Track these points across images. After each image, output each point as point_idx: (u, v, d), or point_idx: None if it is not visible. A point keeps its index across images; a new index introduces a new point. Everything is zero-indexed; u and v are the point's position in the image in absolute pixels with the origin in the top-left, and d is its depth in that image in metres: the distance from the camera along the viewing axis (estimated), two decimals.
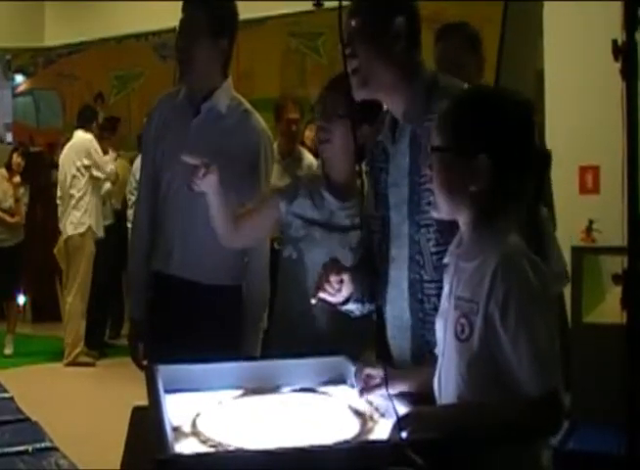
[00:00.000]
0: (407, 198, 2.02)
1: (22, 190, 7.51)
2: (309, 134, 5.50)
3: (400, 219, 2.05)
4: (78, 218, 6.87)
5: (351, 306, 2.17)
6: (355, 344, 2.30)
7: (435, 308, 1.87)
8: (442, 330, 1.74)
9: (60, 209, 7.05)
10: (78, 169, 6.90)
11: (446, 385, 1.72)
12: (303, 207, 2.50)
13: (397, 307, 2.07)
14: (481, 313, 1.61)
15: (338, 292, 2.10)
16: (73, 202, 6.89)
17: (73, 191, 6.90)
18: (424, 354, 1.97)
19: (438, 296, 1.85)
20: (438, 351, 1.77)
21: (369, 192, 2.15)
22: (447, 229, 1.85)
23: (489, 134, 1.65)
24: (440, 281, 1.83)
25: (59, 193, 7.06)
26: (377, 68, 2.02)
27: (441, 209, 1.73)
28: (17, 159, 7.46)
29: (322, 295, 2.10)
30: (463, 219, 1.71)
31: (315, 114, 2.52)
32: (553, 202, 3.18)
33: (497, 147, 1.65)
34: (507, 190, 1.67)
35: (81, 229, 6.87)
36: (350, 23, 2.03)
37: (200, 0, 2.76)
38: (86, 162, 6.90)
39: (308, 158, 4.90)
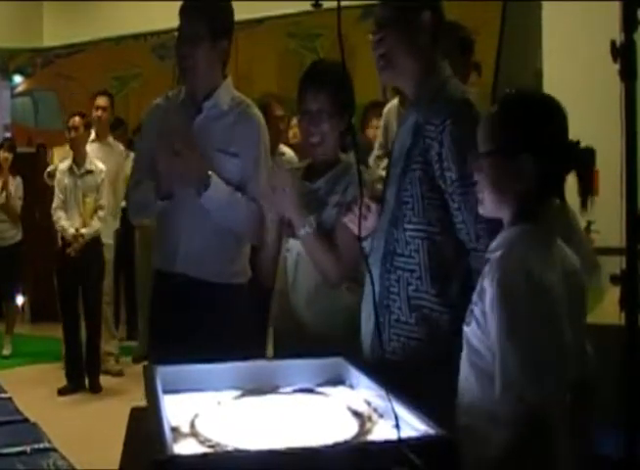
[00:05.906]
0: (397, 182, 2.15)
1: (14, 183, 7.35)
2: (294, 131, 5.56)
3: (389, 197, 2.19)
4: None
5: (366, 243, 2.26)
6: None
7: (399, 280, 2.10)
8: None
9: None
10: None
11: (462, 368, 1.79)
12: None
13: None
14: (479, 307, 1.68)
15: (364, 219, 2.18)
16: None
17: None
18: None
19: (406, 270, 2.07)
20: None
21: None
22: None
23: (531, 134, 1.72)
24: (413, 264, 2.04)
25: None
26: (402, 55, 2.17)
27: (487, 206, 1.80)
28: (3, 154, 7.32)
29: (347, 220, 2.24)
30: (507, 218, 1.77)
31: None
32: None
33: (539, 145, 1.72)
34: (548, 189, 1.74)
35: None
36: (383, 10, 2.19)
37: (199, 5, 2.75)
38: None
39: (288, 153, 5.04)
